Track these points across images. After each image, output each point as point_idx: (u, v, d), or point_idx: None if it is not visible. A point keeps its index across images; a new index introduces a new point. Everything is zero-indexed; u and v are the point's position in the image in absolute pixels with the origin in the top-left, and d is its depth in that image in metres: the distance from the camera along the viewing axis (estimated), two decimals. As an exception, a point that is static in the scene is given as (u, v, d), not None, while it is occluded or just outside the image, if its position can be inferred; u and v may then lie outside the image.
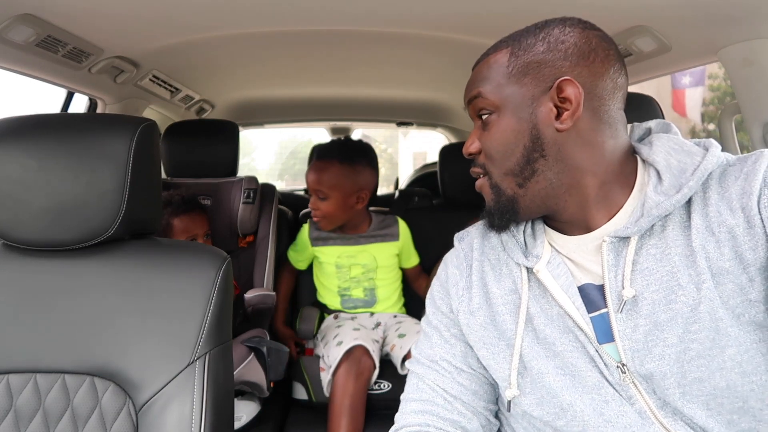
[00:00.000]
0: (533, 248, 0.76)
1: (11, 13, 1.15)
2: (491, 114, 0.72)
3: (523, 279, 0.75)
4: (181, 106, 2.32)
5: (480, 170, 0.76)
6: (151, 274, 0.88)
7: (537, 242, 0.76)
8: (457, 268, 0.85)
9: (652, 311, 0.65)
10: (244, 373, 1.42)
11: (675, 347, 0.63)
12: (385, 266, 1.83)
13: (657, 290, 0.65)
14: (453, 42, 1.61)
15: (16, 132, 0.86)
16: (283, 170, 9.68)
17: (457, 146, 2.61)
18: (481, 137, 0.74)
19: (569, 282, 0.71)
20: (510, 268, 0.78)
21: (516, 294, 0.75)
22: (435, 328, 0.84)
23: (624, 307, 0.66)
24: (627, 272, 0.66)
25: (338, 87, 2.46)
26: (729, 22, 1.15)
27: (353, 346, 1.54)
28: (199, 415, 0.81)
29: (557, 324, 0.71)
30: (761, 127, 1.21)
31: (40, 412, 0.83)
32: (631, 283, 0.66)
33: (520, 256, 0.75)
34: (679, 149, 0.71)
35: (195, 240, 1.62)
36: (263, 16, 1.39)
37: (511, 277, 0.77)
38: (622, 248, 0.68)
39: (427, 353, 0.83)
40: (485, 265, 0.81)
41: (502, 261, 0.80)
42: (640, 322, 0.65)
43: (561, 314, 0.71)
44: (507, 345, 0.75)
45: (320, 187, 1.71)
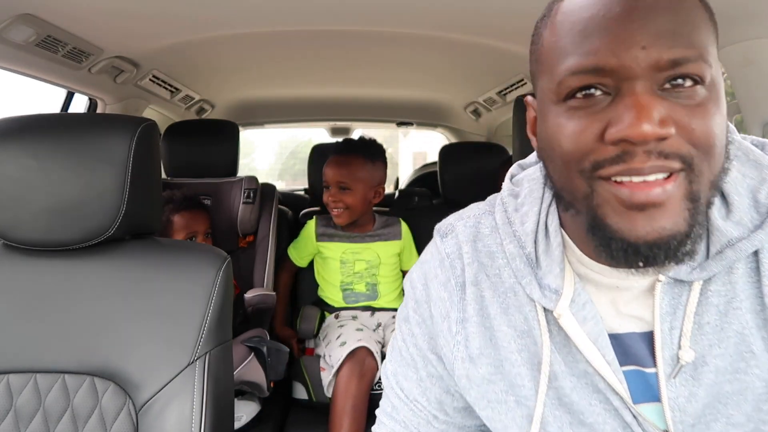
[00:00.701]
0: (549, 274, 0.56)
1: (11, 13, 1.15)
2: (697, 84, 0.45)
3: (540, 321, 0.57)
4: (181, 106, 2.32)
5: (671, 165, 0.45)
6: (151, 274, 0.88)
7: (554, 265, 0.56)
8: (444, 288, 0.63)
9: (715, 380, 0.51)
10: (244, 373, 1.42)
11: (741, 427, 0.51)
12: (387, 264, 1.86)
13: (723, 354, 0.51)
14: (453, 42, 1.61)
15: (16, 132, 0.86)
16: (283, 170, 9.68)
17: (457, 146, 2.61)
18: (678, 115, 0.45)
19: (598, 329, 0.54)
20: (519, 297, 0.59)
21: (530, 338, 0.58)
22: (411, 358, 0.67)
23: (680, 372, 0.52)
24: (687, 327, 0.52)
25: (338, 87, 2.46)
26: (729, 22, 1.14)
27: (357, 347, 1.54)
28: (199, 415, 0.81)
29: (585, 383, 0.56)
30: (761, 127, 1.21)
31: (40, 412, 0.83)
32: (691, 342, 0.52)
33: (534, 288, 0.56)
34: (744, 158, 0.54)
35: (195, 238, 1.62)
36: (263, 16, 1.39)
37: (521, 312, 0.59)
38: (681, 293, 0.53)
39: (401, 383, 0.68)
40: (483, 284, 0.62)
41: (506, 284, 0.60)
42: (699, 392, 0.52)
43: (589, 372, 0.55)
44: (521, 407, 0.58)
45: (345, 179, 1.77)
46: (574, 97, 0.48)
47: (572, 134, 0.48)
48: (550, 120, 0.50)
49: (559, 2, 0.51)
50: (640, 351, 0.55)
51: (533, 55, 0.54)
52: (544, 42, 0.51)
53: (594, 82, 0.46)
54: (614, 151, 0.46)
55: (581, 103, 0.48)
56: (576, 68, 0.47)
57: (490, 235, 0.63)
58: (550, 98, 0.50)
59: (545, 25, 0.52)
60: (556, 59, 0.49)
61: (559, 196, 0.53)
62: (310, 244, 1.88)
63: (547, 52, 0.51)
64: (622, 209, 0.46)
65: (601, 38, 0.46)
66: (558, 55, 0.49)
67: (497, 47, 1.61)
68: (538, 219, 0.59)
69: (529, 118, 0.59)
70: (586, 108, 0.47)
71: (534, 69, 0.54)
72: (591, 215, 0.48)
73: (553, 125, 0.50)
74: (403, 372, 0.68)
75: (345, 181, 1.78)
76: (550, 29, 0.51)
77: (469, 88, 2.38)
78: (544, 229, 0.59)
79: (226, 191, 1.85)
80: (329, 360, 1.59)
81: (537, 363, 0.57)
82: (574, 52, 0.47)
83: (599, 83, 0.46)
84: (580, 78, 0.47)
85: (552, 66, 0.50)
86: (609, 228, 0.47)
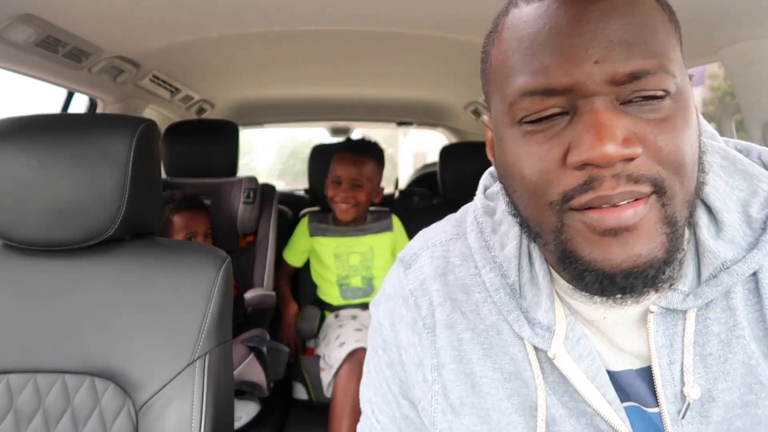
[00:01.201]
0: (538, 308, 0.50)
1: (11, 13, 1.15)
2: (662, 99, 0.42)
3: (531, 362, 0.51)
4: (181, 106, 2.32)
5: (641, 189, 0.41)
6: (151, 274, 0.88)
7: (542, 298, 0.50)
8: (412, 331, 0.56)
9: (725, 417, 0.47)
10: (244, 373, 1.42)
11: None
12: (381, 256, 1.88)
13: (730, 388, 0.47)
14: (453, 42, 1.61)
15: (16, 132, 0.86)
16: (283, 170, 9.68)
17: (457, 146, 2.61)
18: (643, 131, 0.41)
19: (596, 367, 0.49)
20: (503, 336, 0.52)
21: (520, 380, 0.51)
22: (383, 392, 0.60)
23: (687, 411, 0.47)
24: (688, 361, 0.47)
25: (338, 87, 2.46)
26: (729, 22, 1.14)
27: (356, 348, 1.54)
28: (199, 415, 0.81)
29: (585, 424, 0.50)
30: (761, 127, 1.21)
31: (40, 412, 0.83)
32: (695, 377, 0.47)
33: (523, 326, 0.50)
34: (732, 168, 0.50)
35: (195, 238, 1.62)
36: (263, 16, 1.39)
37: (507, 353, 0.52)
38: (675, 323, 0.48)
39: (376, 413, 0.61)
40: (459, 326, 0.54)
41: (487, 321, 0.53)
42: (708, 430, 0.47)
43: (589, 412, 0.49)
44: None
45: (359, 176, 1.84)
46: (528, 121, 0.43)
47: (533, 162, 0.43)
48: (506, 144, 0.46)
49: (504, 17, 0.46)
50: (641, 390, 0.49)
51: (483, 74, 0.49)
52: (492, 61, 0.47)
53: (548, 105, 0.42)
54: (581, 178, 0.41)
55: (536, 127, 0.43)
56: (525, 89, 0.42)
57: (461, 265, 0.56)
58: (504, 120, 0.46)
59: (492, 43, 0.47)
60: (504, 79, 0.44)
61: (525, 225, 0.48)
62: (304, 240, 1.90)
63: (495, 71, 0.46)
64: (594, 237, 0.42)
65: (549, 55, 0.41)
66: (507, 75, 0.44)
67: (497, 47, 1.61)
68: (519, 242, 0.52)
69: (487, 138, 0.53)
70: (542, 132, 0.43)
71: (485, 89, 0.50)
72: (561, 248, 0.44)
73: (510, 150, 0.45)
74: (379, 405, 0.61)
75: (359, 178, 1.83)
76: (497, 47, 0.46)
77: (469, 88, 2.38)
78: (527, 254, 0.52)
79: (226, 191, 1.85)
80: (328, 360, 1.60)
81: (530, 408, 0.51)
82: (523, 72, 0.43)
83: (554, 105, 0.42)
84: (531, 100, 0.42)
85: (501, 86, 0.45)
86: (582, 259, 0.42)
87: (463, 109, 2.73)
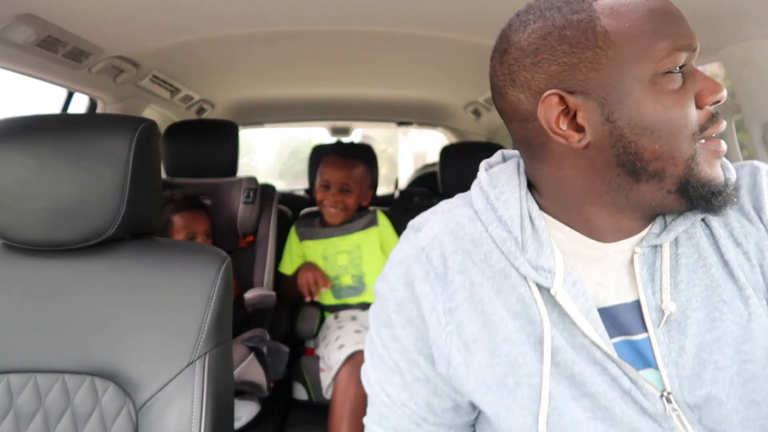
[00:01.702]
0: (540, 256, 0.60)
1: (11, 13, 1.15)
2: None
3: (537, 300, 0.59)
4: (181, 106, 2.32)
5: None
6: (151, 274, 0.88)
7: (543, 248, 0.60)
8: (425, 282, 0.63)
9: (698, 331, 0.57)
10: (244, 373, 1.42)
11: (728, 370, 0.56)
12: (369, 252, 1.88)
13: (699, 307, 0.58)
14: (453, 42, 1.61)
15: (16, 132, 0.86)
16: (283, 170, 9.68)
17: (457, 146, 2.61)
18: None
19: (589, 305, 0.59)
20: (511, 279, 0.61)
21: (526, 317, 0.60)
22: (395, 363, 0.66)
23: (666, 325, 0.58)
24: (666, 284, 0.59)
25: (338, 87, 2.46)
26: (729, 22, 1.14)
27: (355, 351, 1.55)
28: (199, 415, 0.81)
29: (584, 356, 0.58)
30: (761, 127, 1.21)
31: (40, 412, 0.83)
32: (672, 297, 0.58)
33: (528, 269, 0.59)
34: None
35: (195, 238, 1.62)
36: (263, 16, 1.39)
37: (514, 293, 0.60)
38: (654, 259, 0.60)
39: (386, 389, 0.67)
40: (471, 271, 0.62)
41: (495, 267, 0.61)
42: (686, 344, 0.57)
43: (586, 344, 0.58)
44: (523, 387, 0.59)
45: (348, 181, 1.85)
46: (669, 74, 0.54)
47: (679, 104, 0.54)
48: (643, 97, 0.54)
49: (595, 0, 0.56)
50: (629, 320, 0.60)
51: (582, 45, 0.55)
52: (611, 31, 0.54)
53: (682, 60, 0.54)
54: (709, 114, 0.56)
55: (674, 80, 0.55)
56: (675, 47, 0.53)
57: (469, 224, 0.64)
58: (637, 81, 0.54)
59: (596, 17, 0.55)
60: (646, 41, 0.53)
61: (636, 169, 0.57)
62: (296, 247, 1.92)
63: (626, 38, 0.54)
64: (715, 161, 0.57)
65: (678, 22, 0.55)
66: (649, 37, 0.53)
67: (497, 47, 1.61)
68: (520, 206, 0.62)
69: (555, 114, 0.57)
70: (676, 84, 0.55)
71: (588, 57, 0.55)
72: (686, 175, 0.55)
73: (649, 101, 0.54)
74: (388, 378, 0.66)
75: (348, 182, 1.83)
76: (616, 19, 0.54)
77: (469, 88, 2.38)
78: (528, 216, 0.62)
79: (226, 191, 1.85)
80: (328, 361, 1.60)
81: (537, 339, 0.59)
82: (668, 34, 0.54)
83: (683, 60, 0.54)
84: (678, 56, 0.54)
85: (641, 48, 0.54)
86: (704, 179, 0.56)
87: (463, 109, 2.73)
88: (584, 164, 0.59)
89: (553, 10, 0.57)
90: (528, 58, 0.57)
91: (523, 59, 0.57)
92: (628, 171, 0.57)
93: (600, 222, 0.60)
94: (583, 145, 0.57)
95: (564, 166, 0.60)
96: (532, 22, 0.57)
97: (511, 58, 0.59)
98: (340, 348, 1.57)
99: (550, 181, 0.62)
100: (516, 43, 0.58)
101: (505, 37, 0.60)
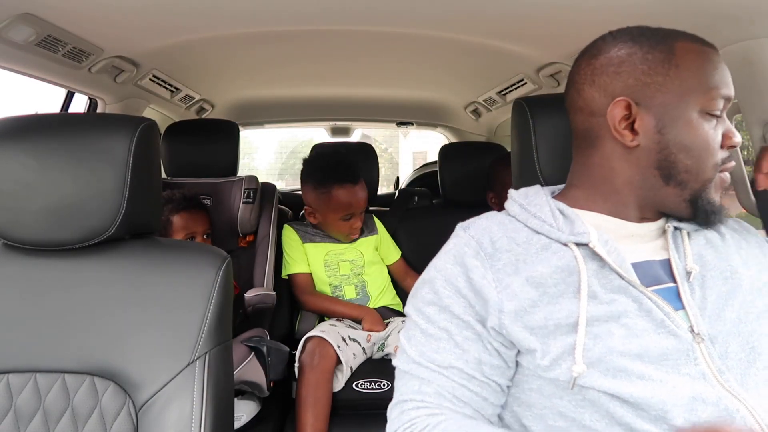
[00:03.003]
0: (573, 228, 0.74)
1: (11, 13, 1.15)
2: None
3: (576, 255, 0.72)
4: (181, 106, 2.32)
5: None
6: (151, 274, 0.88)
7: (576, 222, 0.74)
8: (476, 257, 0.75)
9: (714, 284, 0.73)
10: (244, 373, 1.42)
11: (738, 310, 0.71)
12: (371, 261, 1.87)
13: (713, 268, 0.74)
14: (453, 42, 1.61)
15: (16, 132, 0.86)
16: (283, 170, 9.68)
17: (457, 146, 2.61)
18: None
19: (621, 258, 0.72)
20: (552, 249, 0.74)
21: (566, 271, 0.71)
22: (443, 330, 0.74)
23: (691, 279, 0.73)
24: (689, 253, 0.75)
25: (338, 87, 2.46)
26: (729, 22, 1.14)
27: (311, 336, 1.55)
28: (199, 415, 0.81)
29: (621, 295, 0.70)
30: (761, 127, 1.21)
31: (40, 411, 0.83)
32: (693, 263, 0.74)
33: (566, 236, 0.73)
34: None
35: (194, 238, 1.62)
36: (263, 15, 1.39)
37: (555, 256, 0.73)
38: (677, 236, 0.77)
39: (431, 357, 0.74)
40: (516, 250, 0.75)
41: (537, 245, 0.75)
42: (707, 293, 0.72)
43: (623, 286, 0.70)
44: (566, 321, 0.69)
45: (364, 204, 1.81)
46: (713, 113, 0.72)
47: (712, 138, 0.72)
48: (691, 125, 0.71)
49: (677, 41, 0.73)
50: (658, 272, 0.74)
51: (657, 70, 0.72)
52: (681, 67, 0.71)
53: (722, 106, 0.73)
54: (728, 153, 0.74)
55: (713, 119, 0.72)
56: (724, 95, 0.72)
57: (509, 223, 0.79)
58: (693, 108, 0.71)
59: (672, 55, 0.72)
60: (706, 83, 0.71)
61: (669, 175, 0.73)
62: (299, 246, 1.86)
63: (692, 75, 0.71)
64: (719, 189, 0.74)
65: (727, 78, 0.73)
66: (709, 81, 0.71)
67: (497, 47, 1.61)
68: (548, 204, 0.77)
69: (620, 116, 0.73)
70: (713, 122, 0.72)
71: (659, 81, 0.72)
72: (701, 191, 0.73)
73: (695, 129, 0.71)
74: (434, 346, 0.74)
75: (363, 205, 1.82)
76: (685, 58, 0.71)
77: (469, 88, 2.38)
78: (557, 209, 0.77)
79: (226, 191, 1.85)
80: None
81: (575, 287, 0.70)
82: (721, 83, 0.72)
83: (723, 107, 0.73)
84: (722, 101, 0.72)
85: (700, 87, 0.71)
86: (711, 199, 0.74)
87: (463, 109, 2.73)
88: (631, 160, 0.74)
89: (643, 38, 0.73)
90: (612, 67, 0.73)
91: (608, 67, 0.73)
92: (662, 174, 0.73)
93: (629, 209, 0.76)
94: (633, 145, 0.73)
95: (612, 158, 0.75)
96: (624, 41, 0.74)
97: (598, 63, 0.75)
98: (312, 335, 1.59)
99: (597, 169, 0.77)
100: (606, 52, 0.74)
101: (597, 45, 0.76)
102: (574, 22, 1.29)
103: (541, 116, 0.91)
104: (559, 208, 0.77)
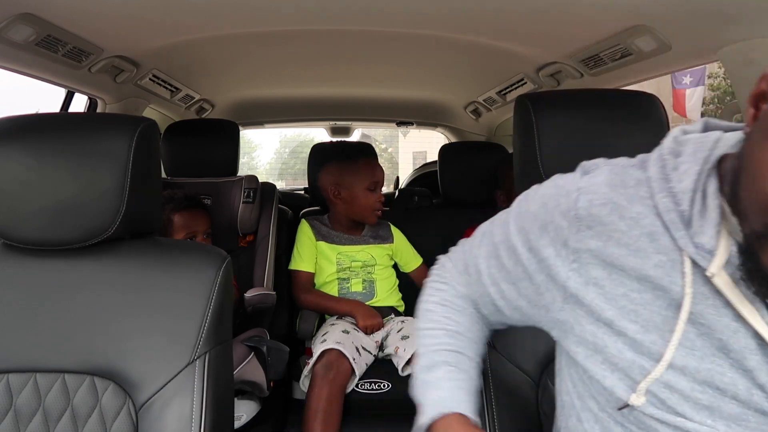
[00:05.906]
0: (703, 235, 0.56)
1: (11, 13, 1.15)
2: None
3: (686, 273, 0.57)
4: (181, 106, 2.32)
5: None
6: (151, 274, 0.88)
7: (709, 227, 0.56)
8: (564, 217, 0.65)
9: None
10: (244, 373, 1.42)
11: None
12: (382, 264, 1.88)
13: None
14: (453, 42, 1.61)
15: (16, 132, 0.86)
16: (283, 170, 9.68)
17: (457, 145, 2.61)
18: None
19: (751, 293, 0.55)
20: (658, 244, 0.59)
21: (657, 284, 0.59)
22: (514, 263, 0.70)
23: None
24: None
25: (338, 86, 2.46)
26: (729, 22, 1.14)
27: (328, 348, 1.55)
28: (199, 415, 0.81)
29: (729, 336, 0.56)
30: (761, 127, 1.21)
31: (40, 411, 0.83)
32: None
33: (686, 242, 0.57)
34: None
35: (195, 237, 1.62)
36: (263, 15, 1.39)
37: (656, 257, 0.59)
38: None
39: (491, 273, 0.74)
40: (614, 225, 0.61)
41: (645, 229, 0.60)
42: None
43: (735, 329, 0.56)
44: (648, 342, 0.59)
45: (383, 180, 1.92)
46: None
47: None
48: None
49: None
50: None
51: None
52: None
53: None
54: None
55: None
56: None
57: (634, 186, 0.63)
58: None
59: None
60: None
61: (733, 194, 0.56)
62: (312, 244, 1.87)
63: None
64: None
65: None
66: None
67: (497, 47, 1.61)
68: (696, 179, 0.58)
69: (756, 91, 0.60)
70: None
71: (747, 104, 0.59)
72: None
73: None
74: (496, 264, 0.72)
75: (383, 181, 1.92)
76: None
77: (469, 87, 2.38)
78: (702, 190, 0.58)
79: (226, 191, 1.85)
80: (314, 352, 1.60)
81: (675, 301, 0.58)
82: None
83: None
84: None
85: None
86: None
87: (463, 109, 2.73)
88: None
89: None
90: None
91: None
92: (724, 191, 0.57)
93: None
94: None
95: None
96: None
97: None
98: (322, 342, 1.58)
99: None
100: None
101: None
102: (574, 22, 1.29)
103: (543, 113, 0.91)
104: (706, 188, 0.58)
